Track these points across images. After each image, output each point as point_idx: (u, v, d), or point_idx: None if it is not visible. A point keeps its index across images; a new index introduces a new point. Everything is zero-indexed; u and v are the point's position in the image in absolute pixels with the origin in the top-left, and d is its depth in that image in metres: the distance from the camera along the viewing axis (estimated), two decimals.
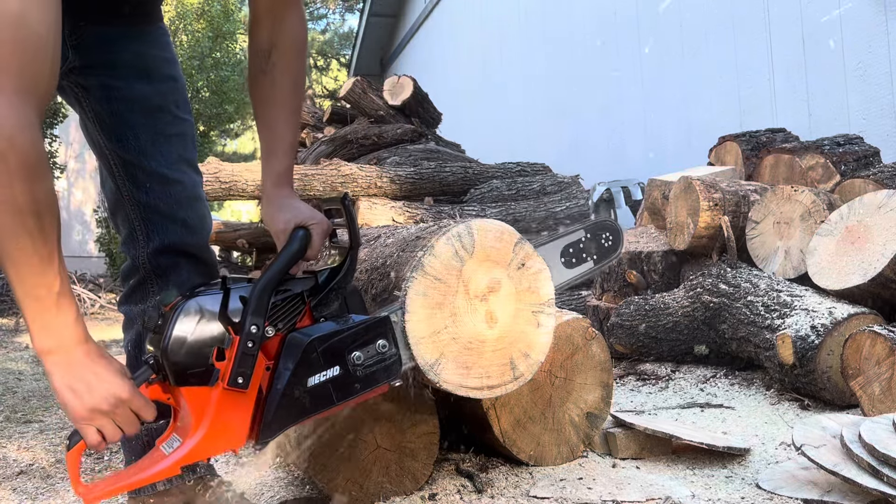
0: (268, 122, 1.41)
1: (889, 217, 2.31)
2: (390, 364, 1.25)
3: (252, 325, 1.13)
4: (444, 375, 1.36)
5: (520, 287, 1.44)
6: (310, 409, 1.18)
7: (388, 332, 1.27)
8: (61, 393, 1.10)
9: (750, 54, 4.87)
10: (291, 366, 1.16)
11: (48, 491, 1.86)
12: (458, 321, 1.37)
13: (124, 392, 1.11)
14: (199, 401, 1.14)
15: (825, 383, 2.21)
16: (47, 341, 1.08)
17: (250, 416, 1.16)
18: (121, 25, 1.44)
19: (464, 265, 1.40)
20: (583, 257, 1.61)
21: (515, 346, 1.43)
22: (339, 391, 1.19)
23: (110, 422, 1.11)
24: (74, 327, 1.10)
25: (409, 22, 12.89)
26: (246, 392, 1.14)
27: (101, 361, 1.12)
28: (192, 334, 1.14)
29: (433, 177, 4.93)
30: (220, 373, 1.13)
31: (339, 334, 1.20)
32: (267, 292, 1.17)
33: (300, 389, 1.16)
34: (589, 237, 1.62)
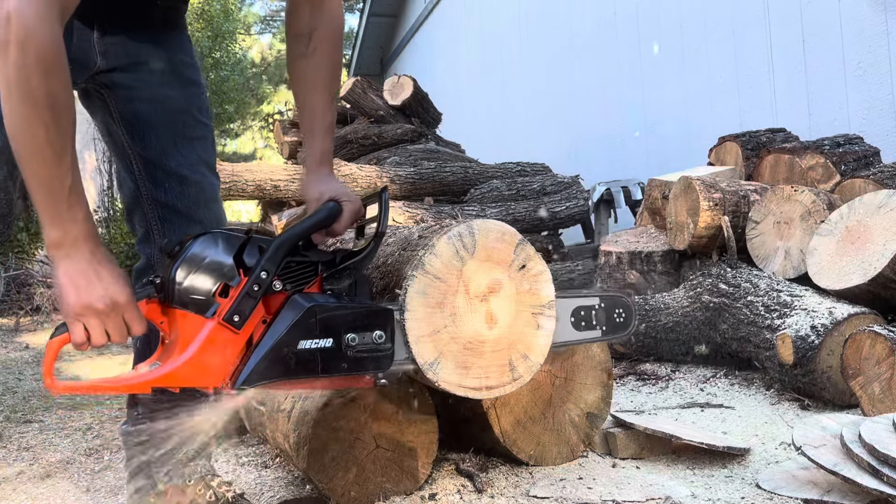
0: (309, 105, 1.46)
1: (889, 217, 2.31)
2: (382, 357, 1.26)
3: (262, 271, 1.16)
4: (443, 375, 1.36)
5: (520, 288, 1.44)
6: (293, 371, 1.18)
7: (387, 324, 1.27)
8: (61, 284, 1.12)
9: (750, 54, 4.87)
10: (288, 324, 1.17)
11: (48, 491, 1.86)
12: (458, 321, 1.37)
13: (122, 297, 1.13)
14: (191, 328, 1.15)
15: (825, 383, 2.21)
16: (56, 234, 1.11)
17: (235, 359, 1.17)
18: (148, 32, 1.46)
19: (465, 265, 1.40)
20: (592, 324, 1.61)
21: (515, 348, 1.43)
22: (326, 364, 1.20)
23: (100, 324, 1.12)
24: (83, 224, 1.13)
25: (409, 22, 12.89)
26: (237, 333, 1.15)
27: (105, 264, 1.14)
28: (204, 262, 1.16)
29: (433, 177, 4.93)
30: (219, 307, 1.15)
31: (340, 309, 1.22)
32: (284, 247, 1.19)
33: (290, 348, 1.17)
34: (603, 307, 1.62)
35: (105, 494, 1.81)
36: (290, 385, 1.23)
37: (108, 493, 1.82)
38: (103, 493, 1.83)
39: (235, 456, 2.08)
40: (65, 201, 1.11)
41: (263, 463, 1.99)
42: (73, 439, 2.36)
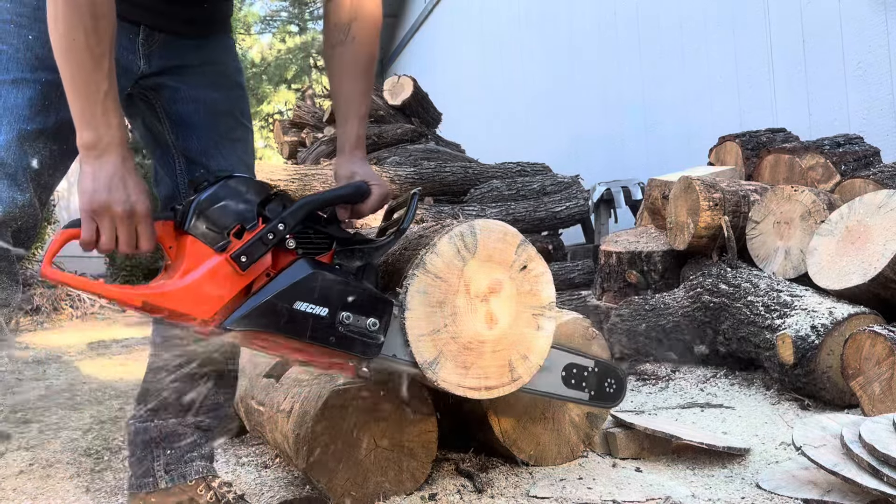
0: (346, 91, 1.49)
1: (889, 217, 2.31)
2: (371, 344, 1.26)
3: (280, 223, 1.20)
4: (443, 374, 1.36)
5: (521, 289, 1.44)
6: (282, 328, 1.19)
7: (384, 314, 1.27)
8: (85, 182, 1.15)
9: (750, 54, 4.87)
10: (290, 281, 1.19)
11: (48, 491, 1.86)
12: (459, 320, 1.37)
13: (141, 207, 1.17)
14: (198, 257, 1.17)
15: (825, 383, 2.21)
16: (90, 136, 1.16)
17: (229, 298, 1.18)
18: (192, 34, 1.48)
19: (466, 265, 1.40)
20: (582, 385, 1.60)
21: (515, 349, 1.43)
22: (315, 331, 1.21)
23: (113, 228, 1.16)
24: (118, 130, 1.17)
25: (409, 22, 12.89)
26: (240, 275, 1.18)
27: (133, 174, 1.18)
28: (228, 199, 1.20)
29: (433, 177, 4.93)
30: (230, 245, 1.17)
31: (343, 285, 1.23)
32: (307, 207, 1.23)
33: (284, 304, 1.19)
34: (596, 371, 1.61)
35: (105, 494, 1.81)
36: (274, 342, 1.23)
37: (108, 493, 1.82)
38: (103, 493, 1.83)
39: (235, 456, 2.08)
40: (100, 105, 1.15)
41: (263, 463, 1.99)
42: (73, 439, 2.36)
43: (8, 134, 1.28)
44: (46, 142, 1.31)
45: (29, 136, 1.29)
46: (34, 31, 1.30)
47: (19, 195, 1.28)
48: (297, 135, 6.92)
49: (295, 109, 7.34)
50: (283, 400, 1.74)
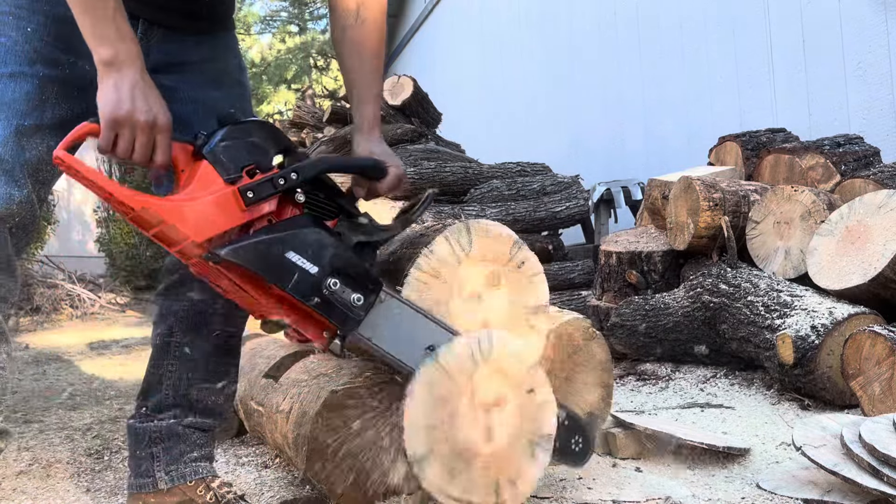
0: (359, 72, 1.51)
1: (889, 217, 2.31)
2: (349, 317, 1.25)
3: (293, 172, 1.21)
4: None
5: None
6: (268, 269, 1.19)
7: (371, 294, 1.26)
8: (107, 92, 1.16)
9: (750, 54, 4.87)
10: (289, 230, 1.21)
11: (48, 491, 1.86)
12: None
13: (163, 119, 1.18)
14: (207, 182, 1.19)
15: (825, 383, 2.20)
16: (107, 52, 1.16)
17: (225, 227, 1.19)
18: (193, 31, 1.47)
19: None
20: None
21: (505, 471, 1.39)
22: (298, 284, 1.21)
23: (131, 137, 1.16)
24: (132, 45, 1.19)
25: (409, 22, 12.89)
26: (242, 210, 1.19)
27: (154, 89, 1.20)
28: (250, 137, 1.22)
29: (433, 177, 4.92)
30: (240, 179, 1.19)
31: (339, 250, 1.24)
32: (322, 165, 1.25)
33: (278, 250, 1.19)
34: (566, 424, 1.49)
35: (105, 494, 1.81)
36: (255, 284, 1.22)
37: (108, 493, 1.82)
38: (103, 493, 1.83)
39: (235, 456, 2.08)
40: (111, 22, 1.17)
41: (263, 463, 1.99)
42: (73, 439, 2.36)
43: (5, 129, 1.27)
44: (44, 137, 1.30)
45: (26, 132, 1.28)
46: (33, 23, 1.30)
47: (16, 191, 1.27)
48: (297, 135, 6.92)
49: (295, 110, 7.34)
50: (283, 400, 1.74)
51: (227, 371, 1.60)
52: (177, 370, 1.54)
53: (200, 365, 1.54)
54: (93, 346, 4.99)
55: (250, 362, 2.22)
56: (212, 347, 1.55)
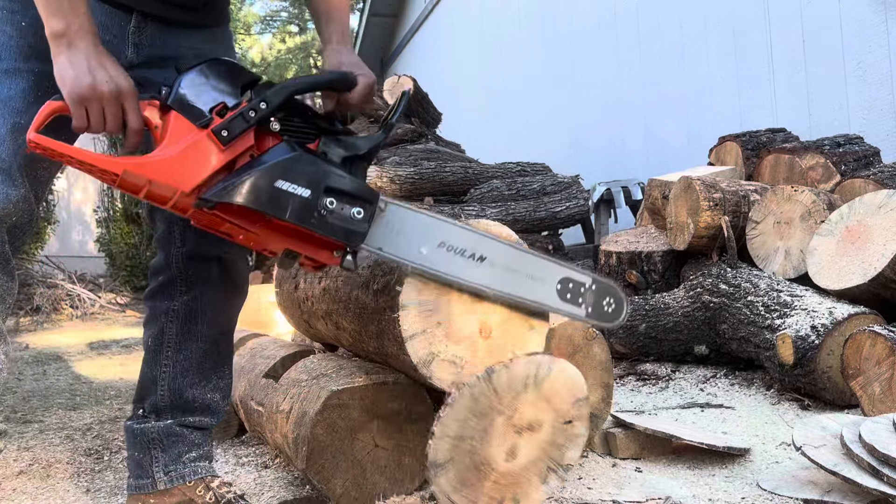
0: None
1: (889, 217, 2.31)
2: (354, 232, 1.24)
3: (262, 102, 1.20)
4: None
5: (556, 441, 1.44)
6: (262, 203, 1.18)
7: (370, 205, 1.25)
8: (64, 70, 1.15)
9: (750, 54, 4.87)
10: (272, 160, 1.20)
11: (48, 491, 1.85)
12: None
13: (125, 84, 1.18)
14: (180, 132, 1.18)
15: (825, 383, 2.20)
16: (59, 24, 1.15)
17: (209, 172, 1.19)
18: (187, 24, 1.45)
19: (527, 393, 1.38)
20: (578, 301, 1.51)
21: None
22: (296, 211, 1.20)
23: (100, 109, 1.16)
24: (85, 18, 1.17)
25: (409, 22, 12.89)
26: (222, 151, 1.19)
27: (109, 57, 1.19)
28: (212, 78, 1.22)
29: (433, 177, 4.92)
30: (212, 121, 1.19)
31: (327, 167, 1.23)
32: (288, 88, 1.23)
33: (266, 182, 1.18)
34: (594, 288, 1.52)
35: (105, 494, 1.81)
36: (254, 220, 1.23)
37: (108, 493, 1.82)
38: (103, 493, 1.83)
39: (235, 456, 2.08)
40: None
41: (263, 463, 1.99)
42: (73, 439, 2.36)
43: (1, 127, 1.26)
44: None
45: (23, 129, 1.26)
46: (27, 17, 1.28)
47: (13, 190, 1.26)
48: None
49: None
50: (283, 400, 1.74)
51: (222, 368, 1.60)
52: (171, 370, 1.53)
53: (194, 364, 1.54)
54: (93, 346, 4.99)
55: (250, 362, 2.22)
56: (204, 346, 1.55)
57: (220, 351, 1.59)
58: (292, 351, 2.14)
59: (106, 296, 8.28)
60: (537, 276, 1.43)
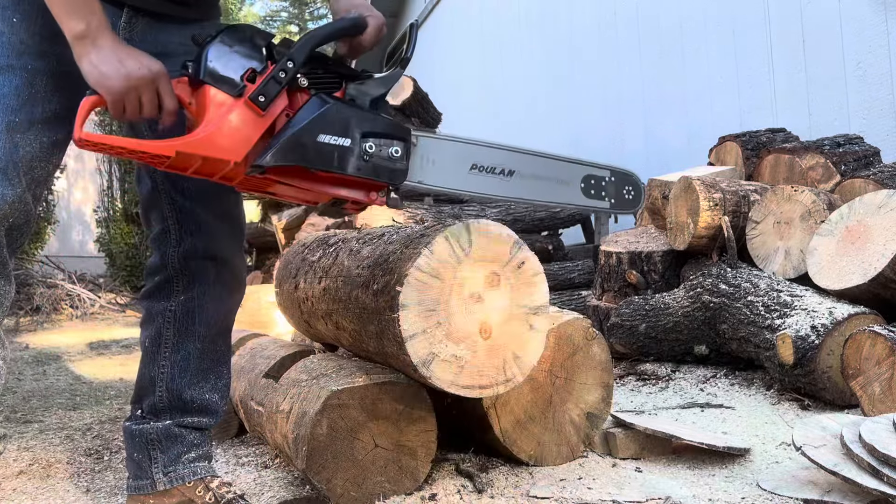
0: None
1: (889, 217, 2.31)
2: (395, 170, 1.29)
3: (289, 61, 1.23)
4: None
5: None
6: (309, 159, 1.23)
7: (405, 140, 1.30)
8: (94, 69, 1.17)
9: (750, 54, 4.87)
10: (310, 115, 1.23)
11: (48, 491, 1.85)
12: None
13: (156, 67, 1.19)
14: (218, 104, 1.21)
15: (825, 383, 2.20)
16: (78, 25, 1.17)
17: (256, 138, 1.22)
18: (177, 18, 1.45)
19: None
20: (601, 195, 1.61)
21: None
22: (341, 160, 1.25)
23: (136, 98, 1.18)
24: (101, 14, 1.19)
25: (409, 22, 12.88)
26: (261, 116, 1.22)
27: (131, 48, 1.21)
28: (236, 45, 1.23)
29: None
30: (246, 88, 1.21)
31: (361, 114, 1.27)
32: (311, 42, 1.26)
33: (309, 138, 1.22)
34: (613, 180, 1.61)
35: (105, 494, 1.81)
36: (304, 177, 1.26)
37: (108, 493, 1.82)
38: (103, 493, 1.83)
39: (235, 456, 2.08)
40: None
41: (263, 463, 1.99)
42: (73, 439, 2.36)
43: None
44: (37, 133, 1.29)
45: (19, 127, 1.26)
46: (18, 12, 1.28)
47: (9, 190, 1.25)
48: None
49: None
50: (283, 400, 1.74)
51: (220, 368, 1.60)
52: (169, 371, 1.53)
53: (192, 364, 1.54)
54: (93, 346, 4.99)
55: (251, 362, 2.22)
56: (202, 346, 1.54)
57: (218, 350, 1.58)
58: (292, 351, 2.14)
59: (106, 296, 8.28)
60: (562, 178, 1.50)
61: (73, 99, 1.36)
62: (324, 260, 1.98)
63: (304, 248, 2.27)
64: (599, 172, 1.58)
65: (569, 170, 1.51)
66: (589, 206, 1.58)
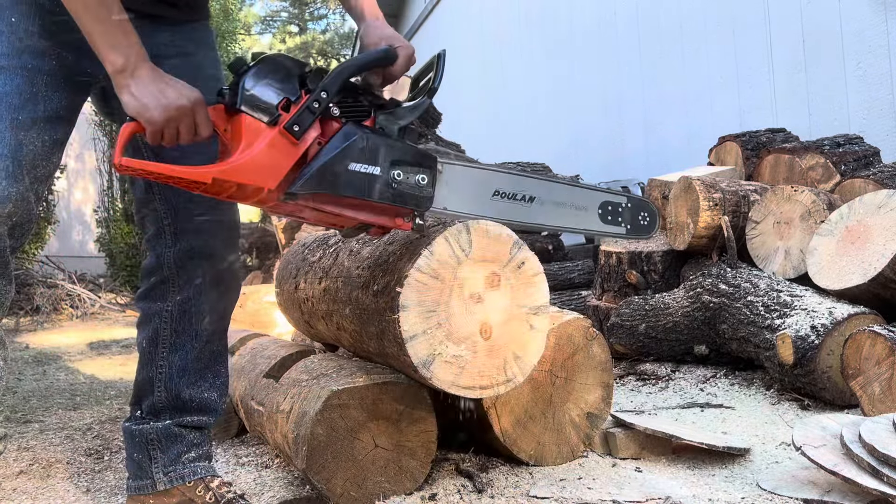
0: None
1: (889, 217, 2.31)
2: (422, 197, 1.33)
3: (322, 91, 1.26)
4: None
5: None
6: (340, 187, 1.26)
7: (431, 170, 1.34)
8: (135, 101, 1.20)
9: (750, 54, 4.87)
10: (341, 145, 1.26)
11: (48, 491, 1.86)
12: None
13: (194, 95, 1.23)
14: (254, 133, 1.24)
15: (825, 383, 2.21)
16: (119, 59, 1.20)
17: (290, 166, 1.25)
18: (170, 20, 1.46)
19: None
20: (618, 221, 1.63)
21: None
22: (372, 189, 1.28)
23: (174, 127, 1.22)
24: (139, 47, 1.23)
25: (409, 22, 12.88)
26: (295, 144, 1.25)
27: (169, 78, 1.24)
28: (271, 75, 1.27)
29: None
30: (280, 118, 1.24)
31: (390, 144, 1.30)
32: (344, 74, 1.29)
33: (341, 166, 1.26)
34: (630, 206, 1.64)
35: (105, 494, 1.81)
36: (334, 203, 1.29)
37: (108, 493, 1.82)
38: (103, 493, 1.83)
39: (235, 456, 2.08)
40: (118, 29, 1.20)
41: (263, 463, 1.99)
42: (73, 439, 2.36)
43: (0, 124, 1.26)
44: (40, 132, 1.30)
45: (22, 125, 1.27)
46: (16, 12, 1.29)
47: (13, 188, 1.26)
48: None
49: None
50: (283, 400, 1.74)
51: (217, 367, 1.60)
52: (167, 371, 1.53)
53: (190, 364, 1.54)
54: (93, 346, 4.99)
55: (251, 362, 2.22)
56: (199, 345, 1.55)
57: (215, 349, 1.59)
58: (293, 351, 2.14)
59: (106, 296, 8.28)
60: (581, 205, 1.53)
61: (73, 98, 1.36)
62: (324, 260, 1.98)
63: (304, 249, 2.27)
64: (616, 199, 1.62)
65: (587, 196, 1.56)
66: (606, 232, 1.62)
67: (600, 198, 1.59)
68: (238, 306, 1.71)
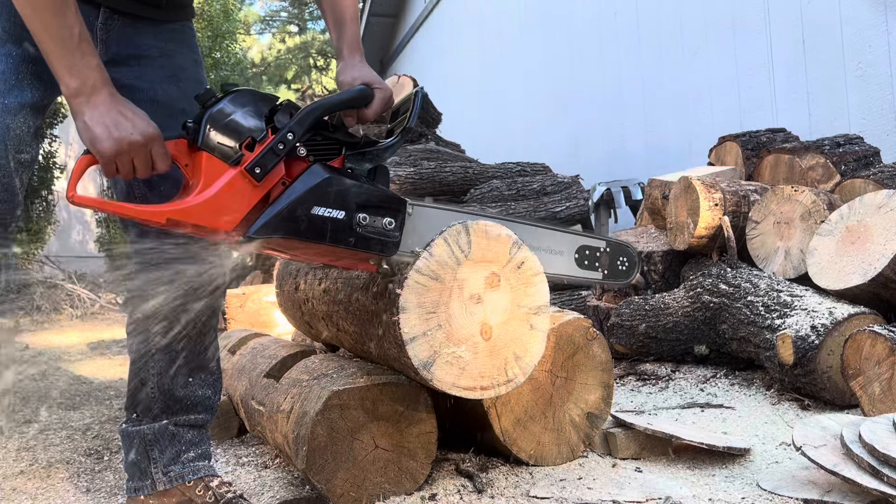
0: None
1: (889, 217, 2.31)
2: (388, 242, 1.30)
3: (289, 132, 1.22)
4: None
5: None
6: (302, 233, 1.22)
7: (399, 213, 1.30)
8: (87, 130, 1.16)
9: (750, 54, 4.87)
10: (305, 187, 1.22)
11: (48, 491, 1.86)
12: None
13: (149, 130, 1.19)
14: (214, 172, 1.20)
15: (825, 383, 2.21)
16: (75, 82, 1.16)
17: (250, 208, 1.21)
18: (153, 20, 1.45)
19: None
20: (595, 265, 1.61)
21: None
22: (334, 234, 1.24)
23: (129, 160, 1.18)
24: (98, 71, 1.19)
25: (409, 22, 12.88)
26: (256, 186, 1.21)
27: (127, 104, 1.20)
28: (237, 113, 1.22)
29: (433, 177, 4.92)
30: (243, 158, 1.20)
31: (356, 187, 1.26)
32: (314, 114, 1.25)
33: (303, 210, 1.22)
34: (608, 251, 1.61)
35: (105, 494, 1.81)
36: (296, 246, 1.26)
37: (108, 493, 1.82)
38: (103, 493, 1.83)
39: (235, 456, 2.08)
40: (77, 50, 1.16)
41: (263, 463, 1.99)
42: (73, 439, 2.36)
43: None
44: (25, 117, 1.30)
45: (10, 110, 1.27)
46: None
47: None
48: None
49: None
50: (283, 400, 1.74)
51: (209, 364, 1.60)
52: (159, 371, 1.53)
53: (182, 364, 1.54)
54: (93, 346, 4.99)
55: (252, 362, 2.22)
56: (190, 344, 1.55)
57: (206, 347, 1.59)
58: (293, 351, 2.14)
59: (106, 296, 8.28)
60: (556, 248, 1.52)
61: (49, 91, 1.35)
62: None
63: None
64: (595, 243, 1.59)
65: (563, 240, 1.52)
66: (582, 278, 1.59)
67: (577, 241, 1.56)
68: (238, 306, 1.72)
